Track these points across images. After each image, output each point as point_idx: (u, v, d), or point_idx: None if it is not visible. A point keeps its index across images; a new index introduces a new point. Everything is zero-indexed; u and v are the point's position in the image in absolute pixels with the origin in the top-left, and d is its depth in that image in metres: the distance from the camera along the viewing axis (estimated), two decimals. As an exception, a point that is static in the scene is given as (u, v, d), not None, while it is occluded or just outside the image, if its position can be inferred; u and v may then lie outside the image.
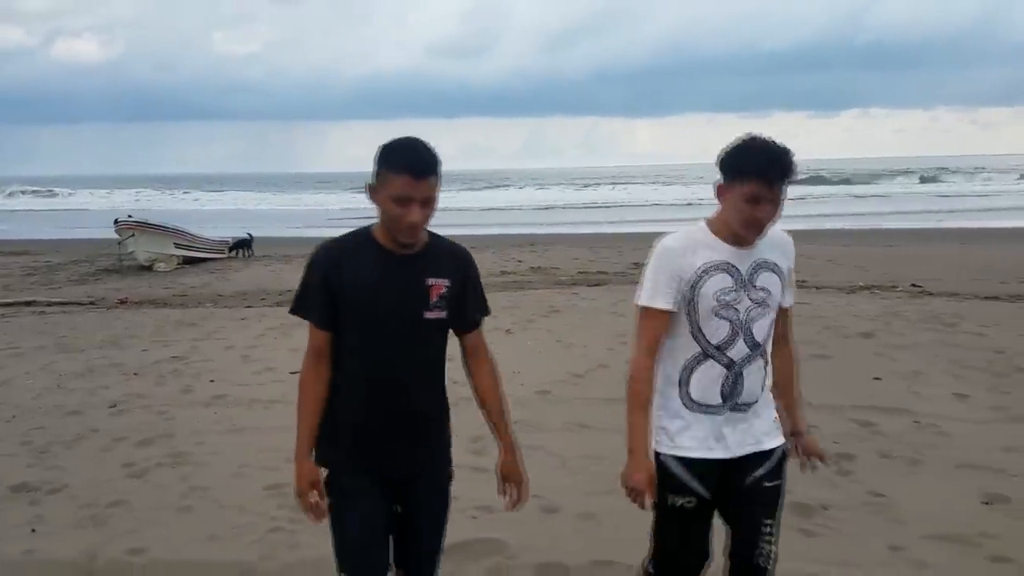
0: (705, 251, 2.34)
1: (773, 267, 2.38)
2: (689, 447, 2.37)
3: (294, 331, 8.54)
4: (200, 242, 16.71)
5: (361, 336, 2.23)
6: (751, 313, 2.34)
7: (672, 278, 2.33)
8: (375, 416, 2.26)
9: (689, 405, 2.38)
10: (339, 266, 2.22)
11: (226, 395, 6.04)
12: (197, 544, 3.66)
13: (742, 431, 2.39)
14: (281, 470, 4.46)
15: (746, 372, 2.35)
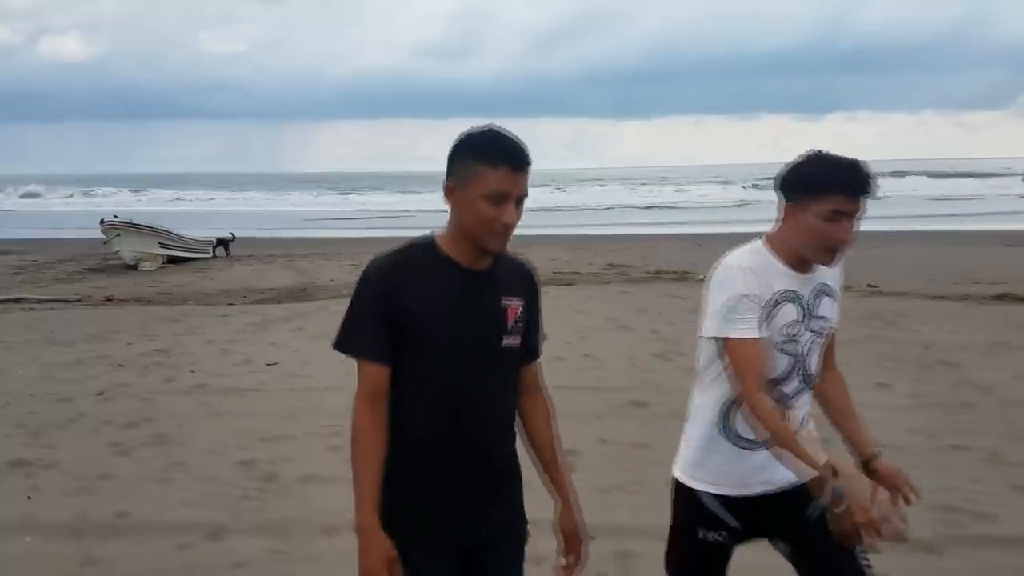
0: (777, 277, 2.12)
1: (831, 291, 2.22)
2: (726, 484, 2.21)
3: (271, 326, 9.05)
4: (185, 242, 17.11)
5: (428, 371, 1.86)
6: (811, 345, 2.17)
7: (754, 304, 2.09)
8: (447, 470, 1.89)
9: (730, 438, 2.20)
10: (401, 287, 1.84)
11: (206, 384, 6.50)
12: (174, 509, 4.13)
13: (781, 468, 2.11)
14: (252, 448, 4.98)
15: (797, 406, 2.19)
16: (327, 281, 13.07)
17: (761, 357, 2.08)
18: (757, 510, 2.21)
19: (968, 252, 16.27)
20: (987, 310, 9.45)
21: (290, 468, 4.63)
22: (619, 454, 4.85)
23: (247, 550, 3.65)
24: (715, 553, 2.27)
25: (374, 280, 1.86)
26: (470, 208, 1.82)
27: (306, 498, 4.23)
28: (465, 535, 1.92)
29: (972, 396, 5.89)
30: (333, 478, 4.46)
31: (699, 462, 2.23)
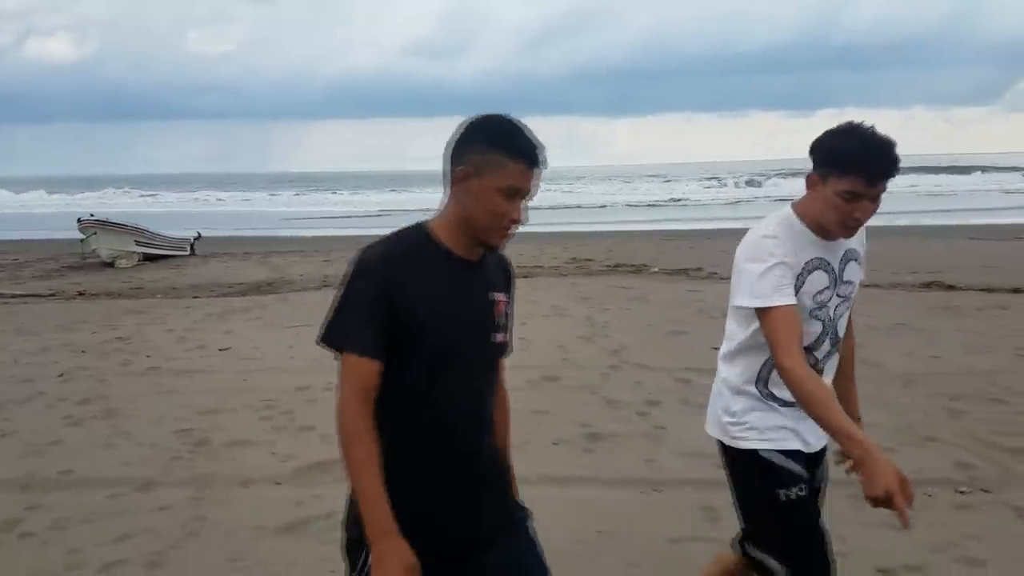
0: (805, 247, 2.15)
1: (858, 257, 2.26)
2: (782, 439, 2.22)
3: (230, 316, 9.58)
4: (161, 239, 17.58)
5: (427, 366, 1.78)
6: (839, 310, 2.22)
7: (785, 272, 2.10)
8: (445, 468, 1.84)
9: (769, 398, 2.23)
10: (404, 279, 1.75)
11: (159, 367, 7.04)
12: (113, 468, 4.66)
13: (815, 428, 2.17)
14: (191, 420, 5.53)
15: (826, 369, 2.25)
16: (296, 276, 13.57)
17: (797, 324, 2.08)
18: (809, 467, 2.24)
19: (928, 244, 16.74)
20: (908, 296, 10.03)
21: (222, 435, 5.17)
22: (519, 418, 5.40)
23: (170, 498, 4.19)
24: (806, 507, 2.20)
25: (373, 271, 1.75)
26: (483, 198, 1.75)
27: (230, 458, 4.77)
28: (460, 533, 1.86)
29: (860, 370, 6.35)
30: (258, 442, 5.05)
31: (748, 423, 2.23)
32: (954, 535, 3.57)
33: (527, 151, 1.76)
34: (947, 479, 4.21)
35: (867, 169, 2.02)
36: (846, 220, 2.07)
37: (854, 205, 2.05)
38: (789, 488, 2.19)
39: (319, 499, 4.10)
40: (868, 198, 2.05)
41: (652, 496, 4.20)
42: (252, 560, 3.48)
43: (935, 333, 7.64)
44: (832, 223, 2.09)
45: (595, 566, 3.41)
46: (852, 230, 2.12)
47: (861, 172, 2.02)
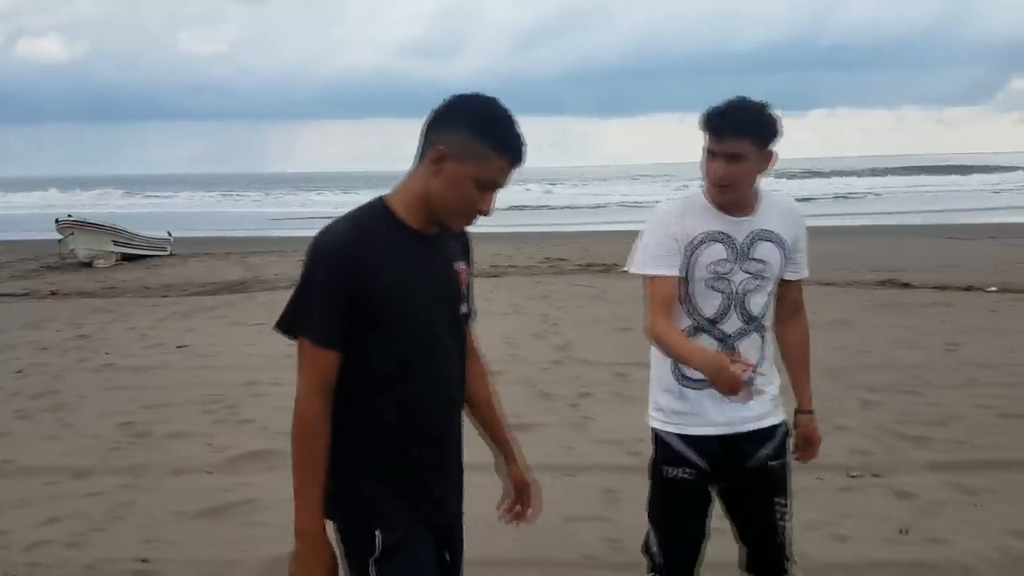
0: (699, 219, 2.26)
1: (774, 238, 2.29)
2: (681, 423, 2.31)
3: (195, 315, 9.78)
4: (139, 240, 17.73)
5: (398, 346, 1.74)
6: (746, 286, 2.25)
7: (670, 245, 2.24)
8: (428, 446, 1.81)
9: (682, 380, 2.30)
10: (365, 262, 1.69)
11: (115, 364, 7.24)
12: (53, 458, 4.86)
13: (738, 408, 2.24)
14: (136, 413, 5.72)
15: (741, 347, 2.26)
16: (271, 276, 13.75)
17: (669, 293, 2.22)
18: (722, 449, 2.31)
19: (901, 244, 16.95)
20: (861, 293, 10.27)
21: (163, 427, 5.37)
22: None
23: (102, 485, 4.39)
24: (682, 491, 2.33)
25: (332, 256, 1.69)
26: (456, 184, 1.70)
27: (167, 449, 4.97)
28: (446, 509, 1.87)
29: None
30: (197, 434, 5.25)
31: (660, 405, 2.34)
32: (830, 515, 3.78)
33: (515, 148, 1.72)
34: (842, 464, 4.42)
35: (713, 125, 2.17)
36: (706, 175, 2.22)
37: (711, 162, 2.19)
38: (674, 468, 2.32)
39: (245, 486, 4.31)
40: (720, 156, 2.17)
41: (562, 480, 4.40)
42: (166, 541, 3.68)
43: (873, 329, 7.89)
44: (706, 183, 2.24)
45: (486, 541, 3.60)
46: (716, 186, 2.21)
47: (708, 128, 2.18)
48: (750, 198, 2.30)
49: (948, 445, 4.67)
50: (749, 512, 2.40)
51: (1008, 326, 7.89)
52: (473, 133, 1.69)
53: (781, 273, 2.31)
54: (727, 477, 2.37)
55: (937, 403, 5.46)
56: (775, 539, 2.38)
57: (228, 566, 3.42)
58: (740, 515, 2.42)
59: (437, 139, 1.72)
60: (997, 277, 11.29)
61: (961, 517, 3.73)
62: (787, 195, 2.47)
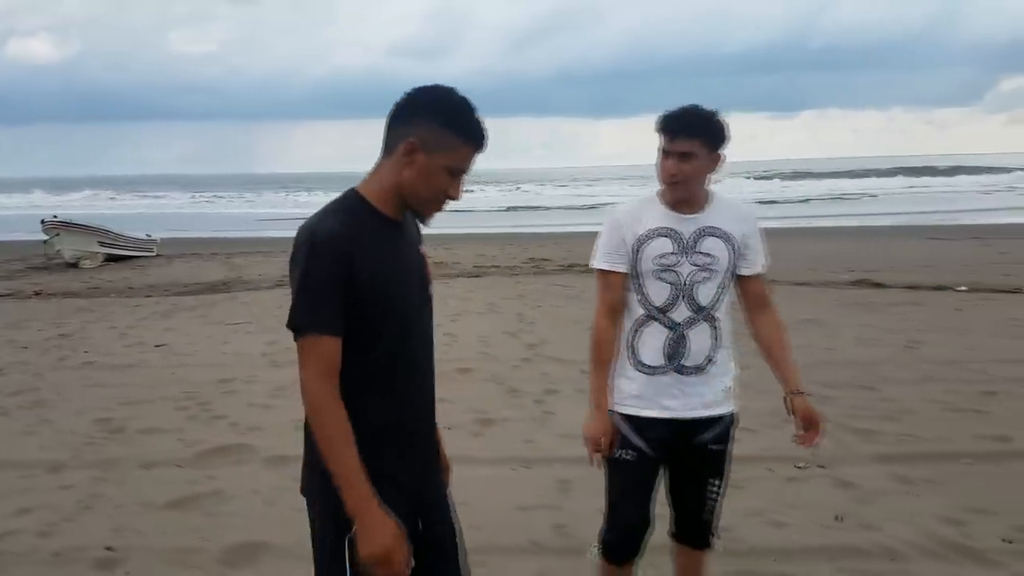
0: (649, 217, 2.46)
1: (721, 234, 2.45)
2: (635, 406, 2.49)
3: (175, 314, 9.89)
4: (125, 240, 17.81)
5: (384, 329, 1.84)
6: (693, 277, 2.43)
7: (620, 242, 2.47)
8: (410, 426, 1.94)
9: (637, 366, 2.49)
10: (355, 251, 1.78)
11: (94, 362, 7.36)
12: (29, 452, 4.99)
13: (689, 395, 2.47)
14: (112, 410, 5.84)
15: (690, 335, 2.44)
16: (255, 276, 13.87)
17: (614, 286, 2.48)
18: (670, 433, 2.49)
19: (881, 244, 17.14)
20: (833, 293, 10.45)
21: (137, 423, 5.50)
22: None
23: (75, 478, 4.52)
24: (626, 471, 2.53)
25: (330, 250, 1.76)
26: (429, 174, 1.80)
27: (140, 444, 5.10)
28: (418, 486, 1.95)
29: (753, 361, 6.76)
30: (169, 429, 5.38)
31: (614, 387, 2.53)
32: (773, 503, 3.95)
33: (480, 135, 1.82)
34: (791, 456, 4.57)
35: (665, 126, 2.40)
36: (660, 174, 2.44)
37: (665, 160, 2.42)
38: (620, 449, 2.52)
39: (212, 479, 4.45)
40: (673, 155, 2.39)
41: (519, 472, 4.56)
42: (133, 530, 3.81)
43: (839, 327, 8.06)
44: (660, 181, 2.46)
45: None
46: (669, 184, 2.43)
47: (662, 129, 2.40)
48: (700, 197, 2.50)
49: (894, 438, 4.84)
50: (684, 487, 2.63)
51: (970, 325, 8.07)
52: (441, 125, 1.78)
53: (732, 267, 2.49)
54: (672, 458, 2.57)
55: (890, 399, 5.63)
56: (702, 515, 2.63)
57: (190, 553, 3.56)
58: (676, 489, 2.65)
59: (406, 132, 1.80)
60: (970, 277, 11.49)
61: (896, 505, 3.90)
62: (740, 198, 2.70)
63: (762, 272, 2.57)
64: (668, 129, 2.40)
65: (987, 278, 11.39)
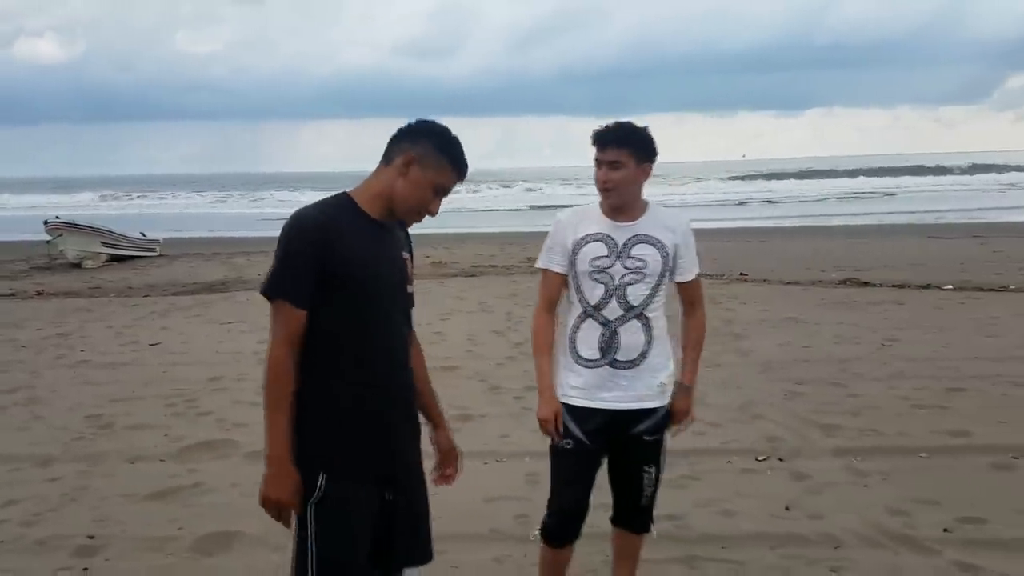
0: (588, 224, 2.68)
1: (653, 242, 2.65)
2: (573, 396, 2.68)
3: (172, 314, 10.08)
4: (128, 241, 18.04)
5: (359, 316, 2.06)
6: (625, 279, 2.63)
7: (560, 245, 2.70)
8: (378, 405, 2.11)
9: (576, 359, 2.69)
10: (336, 238, 2.03)
11: (89, 360, 7.56)
12: (21, 447, 5.17)
13: (624, 388, 2.65)
14: (103, 407, 6.03)
15: (622, 331, 2.63)
16: (253, 276, 14.03)
17: (551, 283, 2.73)
18: (607, 423, 2.66)
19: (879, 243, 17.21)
20: (817, 291, 10.58)
21: (126, 419, 5.68)
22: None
23: (62, 471, 4.70)
24: (564, 459, 2.72)
25: (309, 230, 2.01)
26: (418, 186, 2.08)
27: (127, 439, 5.27)
28: (386, 463, 2.13)
29: (730, 359, 7.00)
30: (156, 425, 5.55)
31: (559, 379, 2.72)
32: (726, 493, 4.11)
33: (464, 167, 2.15)
34: (752, 449, 4.75)
35: (596, 138, 2.63)
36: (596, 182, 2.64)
37: (598, 170, 2.63)
38: (562, 438, 2.71)
39: (193, 472, 4.63)
40: (604, 164, 2.61)
41: (492, 465, 4.72)
42: (114, 520, 3.99)
43: (818, 325, 8.20)
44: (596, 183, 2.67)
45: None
46: (602, 190, 2.64)
47: (595, 141, 2.63)
48: (636, 207, 2.70)
49: (855, 433, 4.99)
50: (622, 475, 2.81)
51: (948, 323, 8.20)
52: (438, 150, 2.10)
53: (664, 272, 2.68)
54: (611, 448, 2.75)
55: (857, 395, 5.78)
56: (640, 502, 2.82)
57: (165, 541, 3.73)
58: (615, 477, 2.84)
59: (408, 147, 2.10)
60: (962, 276, 11.61)
61: (846, 497, 4.05)
62: (678, 209, 2.89)
63: (693, 279, 2.77)
64: (599, 140, 2.62)
65: (977, 276, 11.50)
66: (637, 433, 2.71)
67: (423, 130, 2.14)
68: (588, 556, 3.23)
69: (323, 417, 2.06)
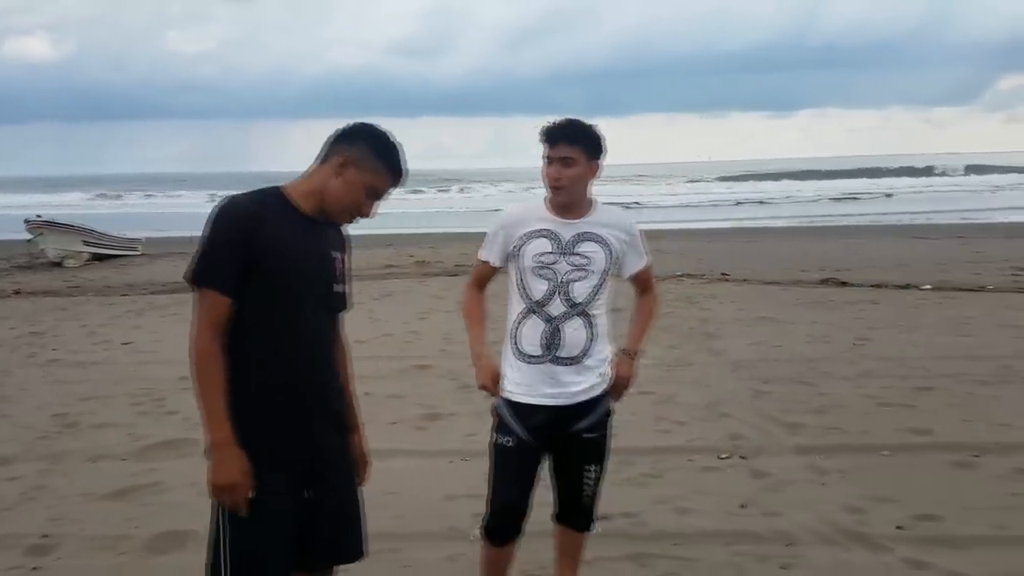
0: (533, 220, 2.67)
1: (599, 240, 2.65)
2: (516, 392, 2.66)
3: (147, 313, 10.04)
4: (109, 239, 17.96)
5: (280, 307, 2.06)
6: (570, 275, 2.62)
7: (502, 239, 2.70)
8: (295, 396, 2.10)
9: (518, 355, 2.68)
10: (261, 227, 2.01)
11: (61, 359, 7.52)
12: (-17, 445, 5.14)
13: (565, 384, 2.64)
14: (70, 405, 6.00)
15: (564, 327, 2.63)
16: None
17: (482, 271, 2.81)
18: (549, 419, 2.65)
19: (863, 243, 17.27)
20: (796, 291, 10.60)
21: (91, 418, 5.64)
22: (373, 403, 5.91)
23: (23, 471, 4.67)
24: (505, 457, 2.69)
25: (234, 217, 2.00)
26: (351, 188, 2.08)
27: (91, 438, 5.24)
28: (304, 454, 2.11)
29: (701, 358, 7.02)
30: (121, 424, 5.53)
31: (501, 373, 2.71)
32: (685, 490, 4.11)
33: (400, 171, 2.15)
34: (716, 447, 4.75)
35: (548, 135, 2.61)
36: (546, 178, 2.63)
37: (548, 167, 2.61)
38: (501, 435, 2.71)
39: (153, 471, 4.61)
40: (555, 160, 2.60)
41: (456, 464, 4.72)
42: (70, 519, 3.97)
43: (792, 325, 8.23)
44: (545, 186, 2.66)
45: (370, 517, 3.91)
46: (553, 187, 2.62)
47: (546, 138, 2.62)
48: (583, 205, 2.71)
49: (819, 431, 5.00)
50: (563, 474, 2.81)
51: (922, 322, 8.24)
52: (373, 151, 2.10)
53: (608, 270, 2.69)
54: (555, 443, 2.73)
55: (825, 393, 5.79)
56: (581, 500, 2.81)
57: (119, 540, 3.71)
58: (557, 476, 2.83)
59: (345, 149, 2.11)
60: (940, 276, 11.67)
61: (803, 494, 4.06)
62: (621, 208, 2.95)
63: (642, 269, 2.82)
64: (551, 137, 2.61)
65: (957, 277, 11.57)
66: (577, 431, 2.71)
67: (362, 132, 2.15)
68: (537, 553, 3.23)
69: (238, 405, 2.03)
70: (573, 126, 2.63)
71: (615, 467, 4.41)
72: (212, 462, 2.01)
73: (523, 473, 2.72)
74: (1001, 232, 19.12)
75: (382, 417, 5.51)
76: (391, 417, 5.58)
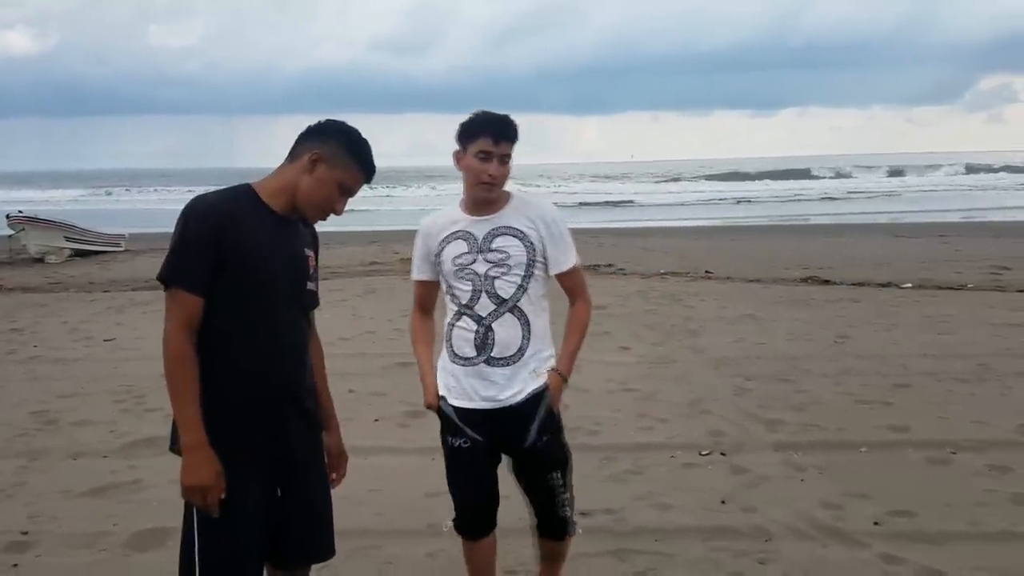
0: (448, 224, 2.63)
1: (515, 232, 2.58)
2: (455, 396, 2.63)
3: (129, 309, 9.98)
4: (92, 235, 17.81)
5: (251, 305, 2.07)
6: (491, 272, 2.56)
7: (423, 253, 2.68)
8: (265, 394, 2.11)
9: (453, 359, 2.63)
10: (231, 225, 2.02)
11: (41, 356, 7.47)
12: (-40, 443, 5.11)
13: (500, 386, 2.58)
14: (50, 402, 5.96)
15: (496, 327, 2.57)
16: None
17: (422, 292, 2.75)
18: (491, 423, 2.61)
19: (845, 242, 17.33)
20: (778, 290, 10.66)
21: (72, 415, 5.61)
22: (356, 400, 5.91)
23: (1, 468, 4.63)
24: (462, 458, 2.66)
25: (205, 216, 2.00)
26: (323, 185, 2.09)
27: (71, 436, 5.21)
28: (276, 453, 2.12)
29: (684, 355, 7.06)
30: (102, 421, 5.50)
31: (441, 378, 2.68)
32: (665, 487, 4.14)
33: (371, 168, 2.17)
34: (696, 444, 4.79)
35: (491, 130, 2.52)
36: (482, 176, 2.53)
37: (487, 163, 2.52)
38: (454, 437, 2.67)
39: (132, 469, 4.59)
40: (496, 157, 2.52)
41: (439, 461, 4.66)
42: (47, 516, 3.95)
43: (774, 323, 8.28)
44: (475, 184, 2.56)
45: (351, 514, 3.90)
46: (489, 184, 2.54)
47: (488, 133, 2.52)
48: (500, 199, 2.64)
49: (798, 428, 5.05)
50: (531, 487, 2.75)
51: (901, 321, 8.31)
52: (345, 149, 2.11)
53: (531, 263, 2.59)
54: (510, 453, 2.70)
55: (804, 390, 5.84)
56: (556, 510, 2.75)
57: (98, 537, 3.70)
58: (526, 489, 2.78)
59: (316, 146, 2.11)
60: (922, 274, 11.76)
61: (781, 490, 4.10)
62: (543, 199, 2.80)
63: (569, 269, 2.67)
64: (494, 133, 2.53)
65: (938, 275, 11.67)
66: (531, 440, 2.63)
67: (333, 129, 2.15)
68: (517, 551, 3.25)
69: (210, 404, 2.03)
70: (513, 123, 2.58)
71: (597, 464, 4.48)
72: (184, 464, 2.02)
73: (484, 470, 2.70)
74: (983, 231, 19.30)
75: (365, 414, 5.52)
76: (374, 414, 5.58)
